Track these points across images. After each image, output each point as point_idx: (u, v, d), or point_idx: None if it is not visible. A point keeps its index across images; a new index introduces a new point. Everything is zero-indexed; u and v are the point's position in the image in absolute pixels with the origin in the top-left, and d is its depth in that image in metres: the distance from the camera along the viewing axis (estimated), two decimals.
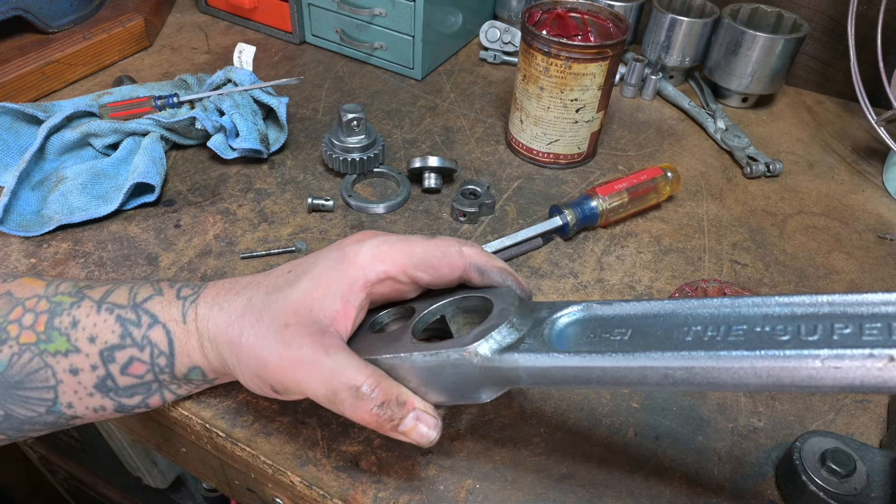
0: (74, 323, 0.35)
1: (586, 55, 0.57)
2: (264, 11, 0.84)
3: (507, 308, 0.34)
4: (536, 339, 0.33)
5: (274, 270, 0.37)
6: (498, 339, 0.32)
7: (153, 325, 0.35)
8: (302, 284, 0.34)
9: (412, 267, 0.35)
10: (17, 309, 0.35)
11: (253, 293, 0.35)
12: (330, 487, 0.39)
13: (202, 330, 0.35)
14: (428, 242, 0.36)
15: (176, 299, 0.36)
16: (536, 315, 0.35)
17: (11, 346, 0.34)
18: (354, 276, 0.34)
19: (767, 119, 0.78)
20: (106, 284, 0.37)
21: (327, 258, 0.35)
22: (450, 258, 0.35)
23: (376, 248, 0.35)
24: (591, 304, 0.34)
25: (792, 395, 0.47)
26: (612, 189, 0.57)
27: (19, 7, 0.69)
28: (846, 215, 0.64)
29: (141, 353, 0.35)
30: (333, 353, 0.32)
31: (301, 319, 0.33)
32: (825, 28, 0.79)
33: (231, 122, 0.61)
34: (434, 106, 0.75)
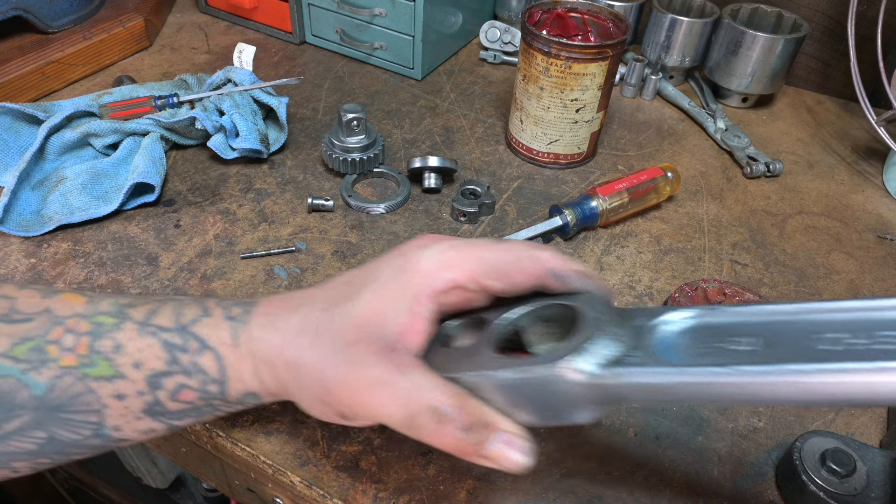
0: (117, 347, 0.32)
1: (586, 55, 0.57)
2: (264, 11, 0.84)
3: (598, 316, 0.30)
4: (643, 352, 0.29)
5: (329, 283, 0.34)
6: (597, 353, 0.29)
7: (202, 351, 0.33)
8: (363, 297, 0.31)
9: (483, 275, 0.32)
10: (56, 328, 0.32)
11: (308, 310, 0.33)
12: (330, 487, 0.39)
13: (256, 352, 0.33)
14: (499, 247, 0.32)
15: (225, 320, 0.33)
16: (634, 323, 0.31)
17: (52, 368, 0.31)
18: (420, 286, 0.31)
19: (767, 119, 0.78)
20: (149, 303, 0.34)
21: (389, 266, 0.32)
22: (523, 264, 0.32)
23: (442, 253, 0.32)
24: (702, 309, 0.31)
25: None
26: (612, 189, 0.57)
27: (19, 7, 0.69)
28: (846, 215, 0.64)
29: (190, 379, 0.32)
30: (408, 371, 0.29)
31: (367, 336, 0.30)
32: (825, 28, 0.79)
33: (231, 122, 0.61)
34: (434, 106, 0.75)
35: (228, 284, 0.52)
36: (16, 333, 0.32)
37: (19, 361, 0.31)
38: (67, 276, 0.51)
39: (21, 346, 0.32)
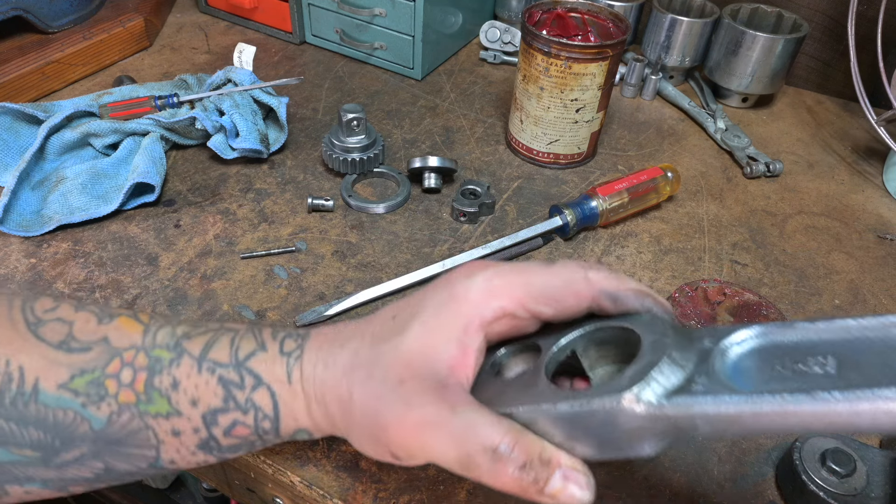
0: (175, 384, 0.32)
1: (586, 55, 0.57)
2: (264, 11, 0.84)
3: (660, 340, 0.28)
4: (710, 378, 0.27)
5: (376, 316, 0.34)
6: (662, 382, 0.27)
7: (257, 387, 0.32)
8: (412, 331, 0.31)
9: (532, 300, 0.31)
10: (114, 361, 0.32)
11: (358, 344, 0.32)
12: (330, 487, 0.39)
13: (308, 391, 0.32)
14: (547, 271, 0.31)
15: (280, 355, 0.33)
16: (698, 346, 0.29)
17: (110, 403, 0.31)
18: (468, 317, 0.30)
19: (767, 119, 0.78)
20: (205, 333, 0.34)
21: (435, 298, 0.32)
22: (575, 287, 0.31)
23: (488, 281, 0.31)
24: (769, 326, 0.28)
25: None
26: (612, 189, 0.57)
27: (19, 7, 0.69)
28: (846, 215, 0.64)
29: (245, 416, 0.32)
30: (461, 409, 0.28)
31: (417, 372, 0.30)
32: (825, 28, 0.79)
33: (231, 122, 0.61)
34: (434, 106, 0.75)
35: (228, 284, 0.52)
36: (74, 364, 0.32)
37: (78, 395, 0.31)
38: (67, 276, 0.51)
39: (80, 378, 0.31)
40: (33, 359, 0.31)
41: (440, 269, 0.52)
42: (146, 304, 0.50)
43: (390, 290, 0.51)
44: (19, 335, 0.32)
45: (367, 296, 0.50)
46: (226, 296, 0.51)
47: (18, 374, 0.31)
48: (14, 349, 0.31)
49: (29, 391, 0.31)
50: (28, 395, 0.31)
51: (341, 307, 0.50)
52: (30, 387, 0.31)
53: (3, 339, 0.32)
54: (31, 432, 0.31)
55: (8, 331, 0.32)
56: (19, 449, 0.31)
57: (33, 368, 0.31)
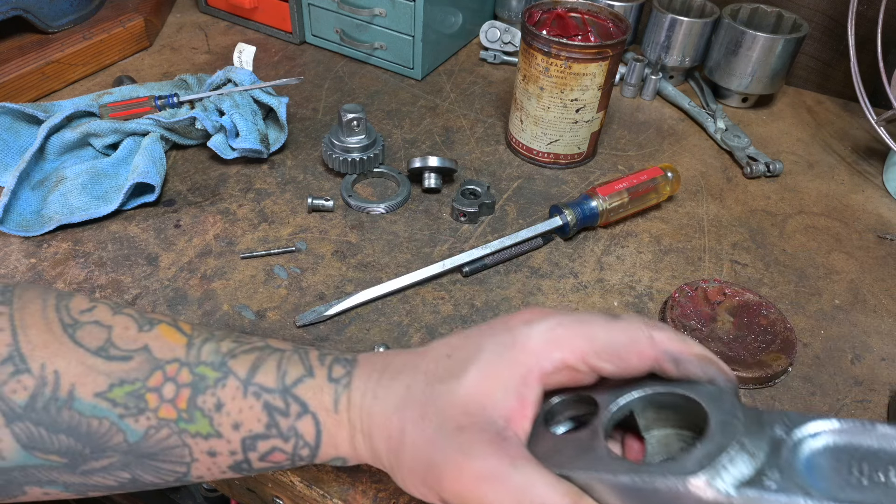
0: (219, 406, 0.31)
1: (586, 55, 0.57)
2: (264, 11, 0.84)
3: (729, 420, 0.27)
4: (783, 474, 0.25)
5: (429, 350, 0.33)
6: (733, 471, 0.25)
7: (302, 416, 0.32)
8: (469, 376, 0.30)
9: (594, 355, 0.30)
10: (156, 374, 0.31)
11: (411, 380, 0.31)
12: (330, 487, 0.39)
13: (355, 421, 0.32)
14: (611, 326, 0.30)
15: (328, 382, 0.32)
16: (770, 433, 0.27)
17: (149, 418, 0.31)
18: (528, 367, 0.30)
19: (767, 119, 0.78)
20: (251, 351, 0.33)
21: (494, 342, 0.31)
22: (639, 346, 0.30)
23: (550, 331, 0.30)
24: (847, 425, 0.27)
25: (792, 395, 0.47)
26: (612, 189, 0.57)
27: (19, 7, 0.69)
28: (846, 215, 0.64)
29: (285, 444, 0.32)
30: (521, 465, 0.28)
31: (476, 421, 0.29)
32: (825, 28, 0.79)
33: (231, 122, 0.61)
34: (434, 106, 0.75)
35: (228, 284, 0.52)
36: (114, 373, 0.31)
37: (116, 405, 0.31)
38: (67, 276, 0.51)
39: (119, 388, 0.31)
40: (70, 364, 0.30)
41: (440, 269, 0.52)
42: (146, 304, 0.50)
43: (390, 290, 0.51)
44: (55, 338, 0.31)
45: (367, 296, 0.50)
46: (226, 296, 0.51)
47: (53, 378, 0.30)
48: (50, 353, 0.30)
49: (64, 397, 0.30)
50: (62, 401, 0.30)
51: (341, 307, 0.50)
52: (65, 393, 0.30)
53: (39, 341, 0.31)
54: (62, 439, 0.30)
55: (43, 333, 0.31)
56: (46, 454, 0.30)
57: (70, 374, 0.30)
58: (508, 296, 0.53)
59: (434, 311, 0.51)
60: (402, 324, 0.50)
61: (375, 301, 0.51)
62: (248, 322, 0.49)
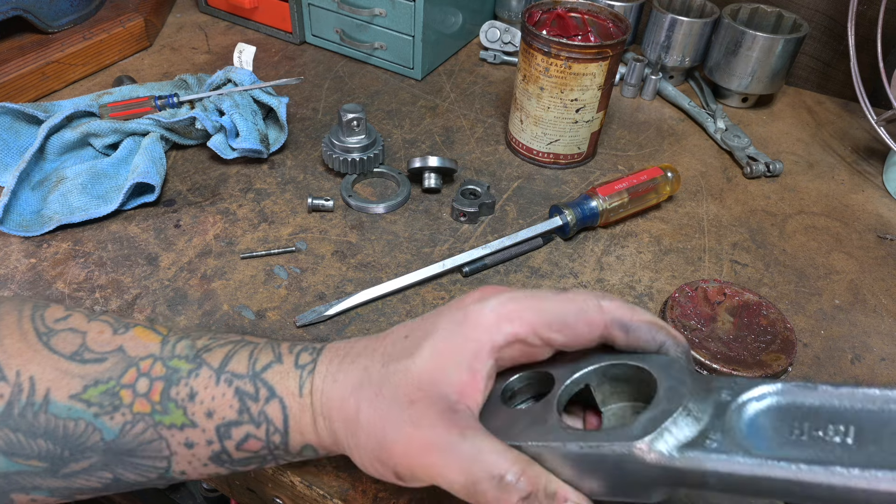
0: (192, 395, 0.32)
1: (586, 55, 0.57)
2: (264, 11, 0.84)
3: (676, 387, 0.28)
4: (725, 435, 0.26)
5: (389, 334, 0.33)
6: (675, 433, 0.26)
7: (270, 399, 0.32)
8: (423, 353, 0.31)
9: (544, 326, 0.30)
10: (130, 371, 0.32)
11: (368, 362, 0.32)
12: (330, 487, 0.39)
13: (316, 405, 0.32)
14: (560, 297, 0.31)
15: (294, 368, 0.33)
16: (716, 398, 0.28)
17: (125, 413, 0.31)
18: (480, 341, 0.30)
19: (767, 119, 0.78)
20: (225, 345, 0.34)
21: (447, 320, 0.32)
22: (588, 315, 0.30)
23: (501, 305, 0.31)
24: (790, 386, 0.27)
25: None
26: (612, 189, 0.57)
27: (19, 7, 0.69)
28: (846, 215, 0.64)
29: (257, 429, 0.32)
30: (470, 435, 0.28)
31: (427, 395, 0.30)
32: (825, 28, 0.79)
33: (231, 122, 0.61)
34: (434, 106, 0.75)
35: (228, 284, 0.52)
36: (88, 374, 0.31)
37: (91, 405, 0.31)
38: (67, 276, 0.51)
39: (94, 388, 0.31)
40: (45, 370, 0.31)
41: (440, 269, 0.52)
42: (146, 304, 0.50)
43: (390, 290, 0.51)
44: (29, 346, 0.32)
45: (367, 296, 0.50)
46: (226, 296, 0.51)
47: (29, 384, 0.31)
48: (24, 360, 0.31)
49: (39, 402, 0.30)
50: (38, 405, 0.30)
51: (341, 307, 0.50)
52: (40, 398, 0.31)
53: (13, 350, 0.31)
54: (40, 443, 0.31)
55: (18, 342, 0.32)
56: (26, 460, 0.31)
57: (44, 379, 0.31)
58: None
59: None
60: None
61: (375, 301, 0.51)
62: (248, 322, 0.49)
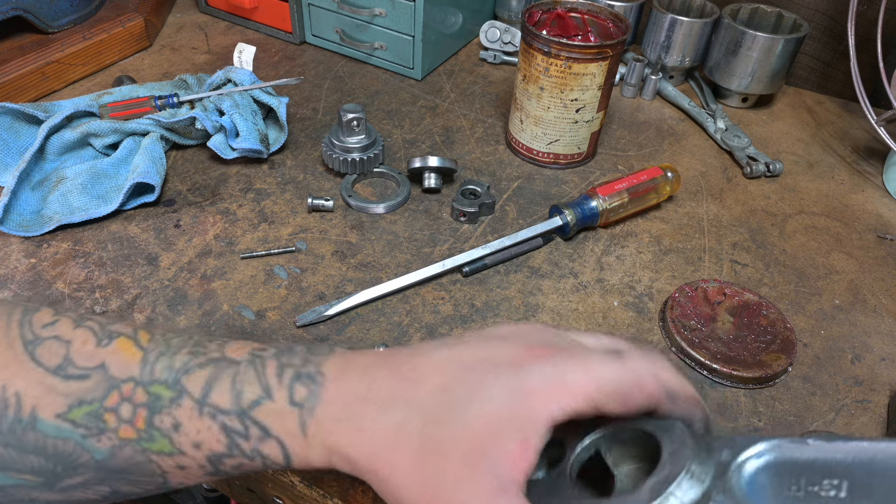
0: (176, 426, 0.31)
1: (586, 55, 0.57)
2: (264, 11, 0.84)
3: (679, 450, 0.29)
4: (727, 495, 0.27)
5: (421, 379, 0.31)
6: (680, 497, 0.27)
7: (265, 439, 0.31)
8: (471, 418, 0.28)
9: (602, 397, 0.29)
10: (113, 394, 0.31)
11: (403, 417, 0.30)
12: (330, 487, 0.39)
13: (331, 445, 0.30)
14: (617, 366, 0.29)
15: (290, 406, 0.31)
16: (717, 458, 0.29)
17: (111, 437, 0.31)
18: (536, 413, 0.28)
19: (767, 119, 0.78)
20: (205, 366, 0.32)
21: (499, 384, 0.29)
22: (644, 384, 0.30)
23: (559, 377, 0.29)
24: (782, 442, 0.28)
25: (792, 395, 0.47)
26: (612, 189, 0.57)
27: (19, 7, 0.69)
28: (846, 215, 0.64)
29: (251, 462, 0.31)
30: None
31: (476, 470, 0.28)
32: (825, 28, 0.79)
33: (231, 122, 0.61)
34: (434, 106, 0.75)
35: (228, 284, 0.52)
36: (72, 393, 0.31)
37: (77, 426, 0.31)
38: (67, 277, 0.51)
39: (78, 409, 0.31)
40: (30, 385, 0.31)
41: (440, 269, 0.52)
42: (146, 304, 0.50)
43: (390, 290, 0.51)
44: (15, 357, 0.31)
45: (367, 296, 0.50)
46: (226, 296, 0.51)
47: (15, 400, 0.30)
48: (10, 373, 0.31)
49: (26, 419, 0.30)
50: (25, 422, 0.30)
51: (341, 307, 0.50)
52: (27, 414, 0.30)
53: (1, 361, 0.31)
54: (32, 459, 0.30)
55: (4, 351, 0.31)
56: (20, 474, 0.31)
57: (30, 395, 0.31)
58: (508, 296, 0.53)
59: (434, 311, 0.51)
60: (402, 324, 0.50)
61: (375, 301, 0.51)
62: (248, 322, 0.49)
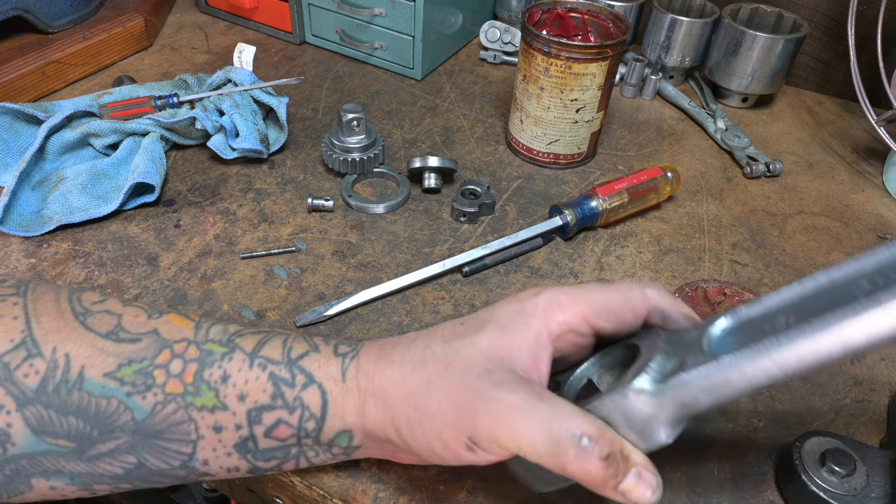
0: (225, 378, 0.32)
1: (586, 55, 0.57)
2: (264, 11, 0.84)
3: (654, 341, 0.32)
4: (699, 356, 0.30)
5: (438, 326, 0.35)
6: (657, 370, 0.30)
7: (308, 385, 0.33)
8: (487, 332, 0.32)
9: (594, 315, 0.33)
10: (164, 352, 0.32)
11: (428, 342, 0.33)
12: (330, 488, 0.39)
13: (366, 386, 0.33)
14: (607, 288, 0.33)
15: (334, 356, 0.34)
16: (686, 337, 0.32)
17: (157, 393, 0.31)
18: (538, 329, 0.32)
19: (767, 119, 0.78)
20: (258, 333, 0.35)
21: (506, 309, 0.33)
22: (633, 303, 0.33)
23: (553, 297, 0.33)
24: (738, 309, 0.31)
25: (791, 395, 0.47)
26: (612, 189, 0.57)
27: (19, 7, 0.69)
28: (846, 215, 0.64)
29: (290, 415, 0.33)
30: (548, 398, 0.30)
31: (500, 366, 0.31)
32: (825, 28, 0.79)
33: (231, 122, 0.61)
34: (434, 106, 0.75)
35: (228, 284, 0.52)
36: (122, 353, 0.32)
37: (124, 384, 0.31)
38: (67, 277, 0.51)
39: (128, 367, 0.32)
40: (81, 347, 0.32)
41: (440, 270, 0.52)
42: (146, 303, 0.50)
43: (390, 290, 0.51)
44: (67, 324, 0.32)
45: (368, 296, 0.50)
46: (226, 296, 0.51)
47: (64, 361, 0.31)
48: (61, 337, 0.32)
49: (73, 379, 0.31)
50: (72, 382, 0.31)
51: (341, 307, 0.50)
52: (75, 374, 0.31)
53: (51, 327, 0.32)
54: (71, 421, 0.31)
55: (55, 320, 0.32)
56: (55, 439, 0.31)
57: (80, 356, 0.31)
58: (509, 296, 0.53)
59: (434, 311, 0.51)
60: (402, 324, 0.50)
61: (375, 301, 0.51)
62: (249, 322, 0.49)
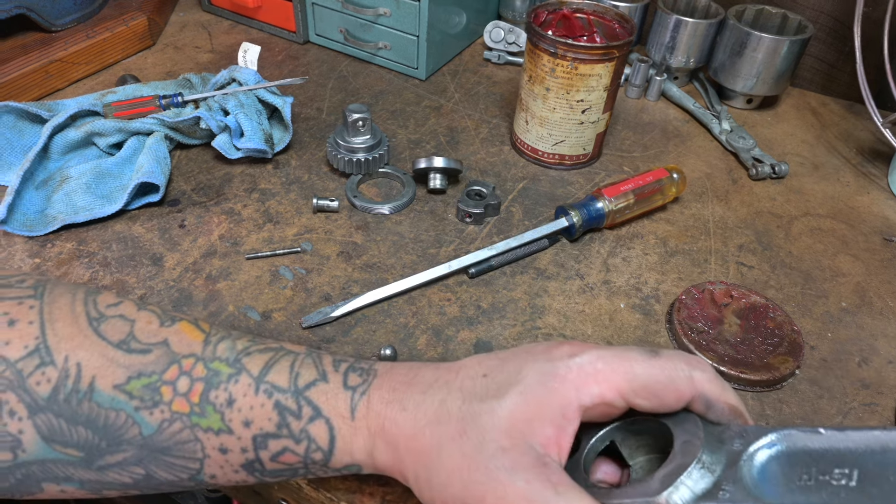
0: (230, 401, 0.32)
1: (592, 56, 0.57)
2: (268, 10, 0.83)
3: (691, 440, 0.29)
4: (737, 485, 0.27)
5: (461, 368, 0.33)
6: (690, 486, 0.28)
7: (315, 419, 0.32)
8: (509, 399, 0.30)
9: (632, 392, 0.30)
10: (172, 367, 0.32)
11: (445, 395, 0.31)
12: (337, 491, 0.39)
13: (375, 429, 0.32)
14: (651, 362, 0.30)
15: (343, 389, 0.33)
16: (728, 448, 0.29)
17: (163, 410, 0.31)
18: (568, 399, 0.30)
19: (772, 120, 0.78)
20: (265, 351, 0.34)
21: (535, 370, 0.31)
22: (678, 385, 0.30)
23: (590, 364, 0.30)
24: (792, 432, 0.29)
25: (799, 398, 0.47)
26: (617, 190, 0.57)
27: (23, 5, 0.69)
28: (852, 217, 0.64)
29: (296, 445, 0.32)
30: (563, 490, 0.28)
31: (517, 443, 0.29)
32: (830, 29, 0.79)
33: (235, 121, 0.61)
34: (438, 106, 0.74)
35: (233, 285, 0.51)
36: (133, 366, 0.32)
37: (133, 398, 0.31)
38: (72, 277, 0.51)
39: (137, 380, 0.31)
40: (92, 356, 0.31)
41: (446, 271, 0.52)
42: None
43: (396, 291, 0.51)
44: (80, 331, 0.32)
45: (373, 297, 0.50)
46: (231, 296, 0.51)
47: (76, 370, 0.31)
48: (74, 345, 0.31)
49: (84, 389, 0.31)
50: (83, 393, 0.31)
51: (347, 308, 0.50)
52: (86, 385, 0.31)
53: (65, 334, 0.32)
54: (80, 431, 0.31)
55: (70, 326, 0.32)
56: (64, 448, 0.31)
57: (91, 366, 0.31)
58: (515, 297, 0.53)
59: (440, 312, 0.51)
60: (408, 325, 0.50)
61: (381, 302, 0.51)
62: (254, 323, 0.49)
